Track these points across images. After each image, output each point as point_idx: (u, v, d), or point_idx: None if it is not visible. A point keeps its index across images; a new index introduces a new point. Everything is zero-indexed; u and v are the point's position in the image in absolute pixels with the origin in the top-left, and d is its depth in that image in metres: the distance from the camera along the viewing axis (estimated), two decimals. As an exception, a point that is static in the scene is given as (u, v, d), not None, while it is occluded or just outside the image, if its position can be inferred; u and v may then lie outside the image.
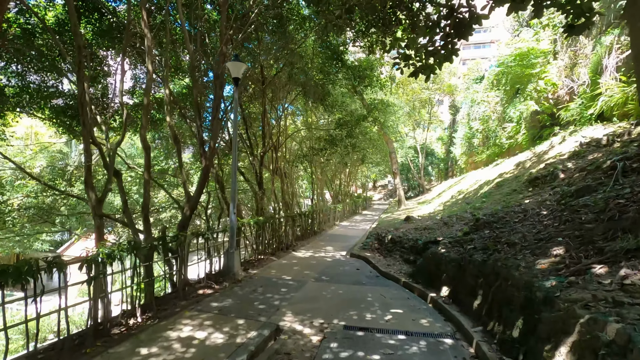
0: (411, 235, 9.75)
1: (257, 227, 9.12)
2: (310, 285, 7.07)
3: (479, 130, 22.06)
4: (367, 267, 8.88)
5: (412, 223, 11.31)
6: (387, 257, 9.76)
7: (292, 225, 12.24)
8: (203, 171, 8.74)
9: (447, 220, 9.68)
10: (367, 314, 5.44)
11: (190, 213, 8.56)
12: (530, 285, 3.98)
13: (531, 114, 13.86)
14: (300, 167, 17.12)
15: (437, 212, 12.68)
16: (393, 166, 21.44)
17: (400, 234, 10.20)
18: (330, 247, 11.67)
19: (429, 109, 35.29)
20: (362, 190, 48.43)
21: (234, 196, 7.68)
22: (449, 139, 40.06)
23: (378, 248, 10.54)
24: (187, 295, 6.07)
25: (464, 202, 11.55)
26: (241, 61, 7.65)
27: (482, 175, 14.63)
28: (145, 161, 7.96)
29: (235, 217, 7.63)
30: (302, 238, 13.17)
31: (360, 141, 14.09)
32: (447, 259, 6.65)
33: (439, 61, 6.46)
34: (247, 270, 8.10)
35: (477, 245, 6.56)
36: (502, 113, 17.52)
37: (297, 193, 29.47)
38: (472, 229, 7.91)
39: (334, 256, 10.33)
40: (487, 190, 10.79)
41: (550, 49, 12.74)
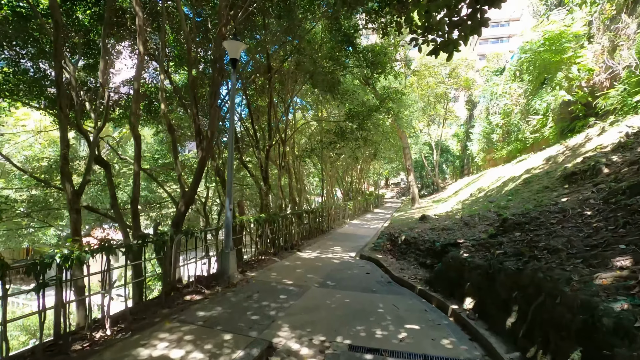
0: (427, 236, 8.83)
1: (257, 225, 8.36)
2: (313, 291, 6.26)
3: (498, 125, 20.78)
4: (378, 271, 8.02)
5: (428, 222, 10.37)
6: (400, 260, 8.87)
7: (298, 223, 11.46)
8: (199, 163, 8.04)
9: (468, 220, 8.72)
10: (377, 329, 4.60)
11: (185, 209, 7.86)
12: (590, 307, 3.07)
13: (560, 105, 12.67)
14: (309, 162, 16.32)
15: (456, 210, 11.67)
16: (407, 162, 20.41)
17: (415, 234, 9.29)
18: (338, 248, 10.84)
19: (445, 104, 33.92)
20: (374, 188, 47.35)
21: (230, 191, 6.92)
22: (465, 136, 38.57)
23: (390, 249, 9.65)
24: (172, 302, 5.34)
25: (486, 200, 10.53)
26: (239, 40, 6.86)
27: (505, 172, 13.52)
28: (135, 151, 7.31)
29: (232, 213, 6.88)
30: (309, 237, 12.37)
31: (372, 134, 13.13)
32: (471, 265, 5.73)
33: (465, 34, 5.49)
34: (245, 272, 7.35)
35: (507, 249, 5.62)
36: (525, 106, 16.28)
37: (308, 190, 28.74)
38: (499, 230, 6.95)
39: (342, 258, 9.50)
40: (512, 187, 9.75)
41: (584, 31, 11.50)
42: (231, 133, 6.95)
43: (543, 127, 13.85)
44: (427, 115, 33.99)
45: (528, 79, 15.29)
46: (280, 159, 13.95)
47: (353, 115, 11.59)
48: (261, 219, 8.45)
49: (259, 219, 8.32)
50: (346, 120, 11.99)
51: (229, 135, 6.93)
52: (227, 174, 6.96)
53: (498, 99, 19.40)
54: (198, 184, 8.21)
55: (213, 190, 13.30)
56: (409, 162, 20.23)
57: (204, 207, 10.29)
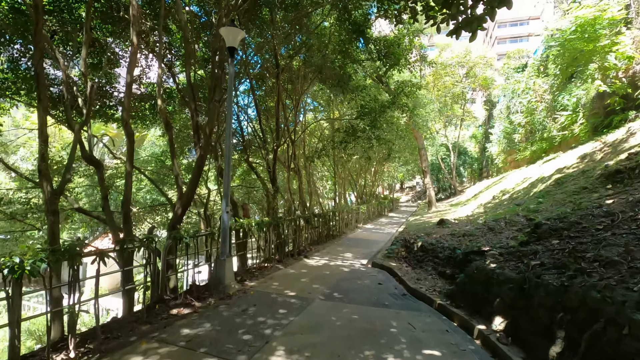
0: (447, 242, 7.97)
1: (259, 229, 7.71)
2: (317, 305, 5.53)
3: (521, 124, 19.59)
4: (391, 282, 7.22)
5: (447, 227, 9.49)
6: (416, 269, 8.05)
7: (306, 227, 10.77)
8: (197, 162, 7.48)
9: (492, 224, 7.82)
10: (388, 355, 3.84)
11: (183, 212, 7.30)
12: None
13: (592, 99, 11.57)
14: (319, 163, 15.63)
15: (477, 214, 10.75)
16: (422, 164, 19.45)
17: (432, 240, 8.45)
18: (349, 254, 10.08)
19: (462, 104, 32.72)
20: (389, 191, 46.24)
21: (227, 191, 6.31)
22: (483, 137, 37.15)
23: (405, 257, 8.83)
24: (155, 317, 4.72)
25: (512, 203, 9.58)
26: (237, 27, 6.27)
27: (531, 173, 12.46)
28: (128, 150, 6.79)
29: (228, 217, 6.25)
30: (318, 242, 11.66)
31: (385, 133, 12.32)
32: (501, 278, 4.90)
33: (492, 7, 4.71)
34: (244, 281, 6.69)
35: (544, 260, 4.77)
36: (551, 102, 15.16)
37: (321, 193, 28.04)
38: (531, 237, 6.07)
39: (353, 265, 8.74)
40: (542, 188, 8.79)
41: (621, 15, 10.39)
42: (229, 127, 6.34)
43: (572, 123, 12.73)
44: (443, 116, 32.84)
45: (554, 73, 14.19)
46: (289, 160, 13.34)
47: (365, 113, 10.85)
48: (264, 223, 7.80)
49: (261, 223, 7.67)
50: (357, 118, 11.26)
51: (227, 129, 6.32)
52: (224, 171, 6.35)
53: (520, 97, 18.24)
54: (196, 184, 7.64)
55: (215, 193, 12.82)
56: (425, 164, 19.28)
57: (205, 210, 9.77)
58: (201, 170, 7.54)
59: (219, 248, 6.30)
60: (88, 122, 6.72)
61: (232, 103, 6.38)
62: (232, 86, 6.41)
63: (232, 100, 6.38)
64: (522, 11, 65.06)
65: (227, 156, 6.34)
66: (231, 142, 6.38)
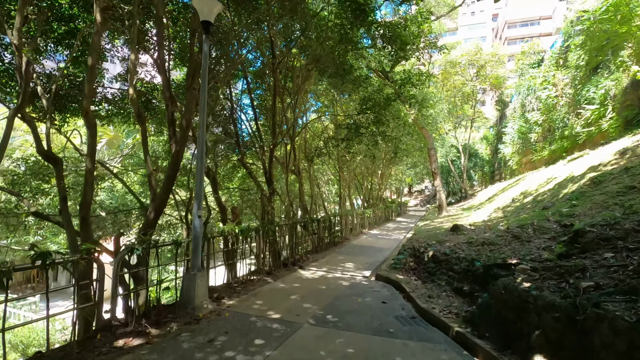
0: (463, 252, 6.82)
1: (243, 236, 6.66)
2: (304, 332, 4.45)
3: (537, 123, 18.26)
4: (397, 299, 6.09)
5: (462, 234, 8.32)
6: (427, 283, 6.90)
7: (303, 234, 9.71)
8: (172, 159, 6.50)
9: (517, 231, 6.65)
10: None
11: (156, 216, 6.31)
12: None
13: (624, 90, 10.33)
14: (319, 163, 14.59)
15: (496, 219, 9.57)
16: (432, 165, 18.24)
17: (446, 249, 7.29)
18: (350, 264, 8.96)
19: (473, 104, 31.42)
20: (397, 195, 44.92)
21: (199, 191, 5.29)
22: (495, 138, 35.72)
23: (414, 268, 7.69)
24: (91, 351, 3.68)
25: (537, 206, 8.39)
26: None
27: (554, 173, 11.21)
28: (89, 144, 5.84)
29: (201, 222, 5.22)
30: (317, 250, 10.57)
31: (391, 128, 11.21)
32: (540, 303, 3.76)
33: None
34: (221, 299, 5.63)
35: (599, 280, 3.63)
36: (574, 96, 13.88)
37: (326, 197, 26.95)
38: (572, 247, 4.90)
39: (354, 278, 7.62)
40: (574, 189, 7.59)
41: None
42: (202, 117, 5.34)
43: (600, 118, 11.46)
44: (453, 117, 31.57)
45: (576, 64, 12.95)
46: (287, 160, 12.34)
47: (368, 107, 9.78)
48: (249, 230, 6.74)
49: (246, 230, 6.62)
50: (360, 113, 10.20)
51: (200, 120, 5.32)
52: (197, 168, 5.34)
53: (536, 93, 16.93)
54: (171, 184, 6.66)
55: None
56: (434, 165, 18.07)
57: (186, 215, 8.78)
58: (177, 167, 6.55)
59: (191, 260, 5.26)
60: (24, 107, 5.78)
61: (205, 88, 5.38)
62: (206, 68, 5.41)
63: (205, 84, 5.38)
64: (532, 11, 63.50)
65: (200, 151, 5.33)
66: (205, 134, 5.38)
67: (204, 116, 5.35)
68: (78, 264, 4.05)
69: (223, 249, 7.30)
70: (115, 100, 10.97)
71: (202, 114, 5.34)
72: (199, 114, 5.39)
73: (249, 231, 6.71)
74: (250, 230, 6.79)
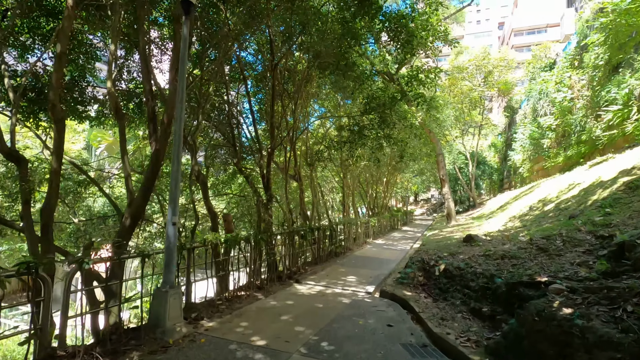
0: (480, 266, 5.98)
1: (227, 247, 5.88)
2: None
3: (551, 128, 17.38)
4: (405, 322, 5.25)
5: (476, 245, 7.46)
6: (439, 301, 6.07)
7: (302, 244, 8.93)
8: (152, 159, 5.83)
9: (543, 243, 5.81)
10: None
11: (132, 223, 5.61)
12: None
13: (651, 89, 9.50)
14: (321, 168, 13.86)
15: (514, 229, 8.71)
16: (440, 172, 17.39)
17: (460, 263, 6.46)
18: (352, 278, 8.14)
19: (481, 110, 30.61)
20: (402, 204, 43.93)
21: (174, 194, 4.57)
22: (503, 145, 34.80)
23: (424, 284, 6.84)
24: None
25: (561, 214, 7.53)
26: (192, -28, 4.64)
27: (577, 179, 10.31)
28: (55, 140, 5.18)
29: (175, 230, 4.48)
30: (317, 261, 9.76)
31: (397, 130, 10.42)
32: (590, 338, 2.94)
33: None
34: (199, 320, 4.85)
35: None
36: (592, 98, 13.05)
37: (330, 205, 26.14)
38: (618, 264, 4.07)
39: (355, 294, 6.80)
40: (605, 196, 6.74)
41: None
42: (180, 107, 4.65)
43: (623, 119, 10.61)
44: (460, 123, 30.72)
45: (594, 63, 12.15)
46: (287, 164, 11.65)
47: (372, 107, 9.06)
48: (235, 240, 5.97)
49: (231, 240, 5.85)
50: (363, 113, 9.47)
51: (177, 112, 4.64)
52: (172, 168, 4.63)
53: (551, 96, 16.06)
54: (151, 187, 5.95)
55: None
56: (442, 172, 17.22)
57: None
58: (158, 169, 5.85)
59: (163, 275, 4.51)
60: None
61: (184, 76, 4.70)
62: (185, 54, 4.74)
63: (184, 71, 4.70)
64: (539, 19, 62.89)
65: (177, 147, 4.62)
66: (182, 128, 4.67)
67: (181, 107, 4.66)
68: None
69: (214, 259, 6.54)
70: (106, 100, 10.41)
71: (179, 106, 4.65)
72: (176, 105, 4.70)
73: (236, 241, 5.94)
74: (238, 240, 6.02)
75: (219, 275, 6.49)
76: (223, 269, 6.74)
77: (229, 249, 5.88)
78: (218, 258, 6.43)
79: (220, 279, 7.04)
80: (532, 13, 63.62)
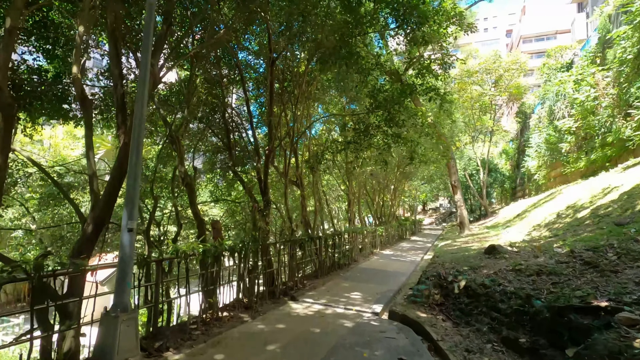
0: (510, 284, 4.96)
1: (205, 259, 4.93)
2: None
3: (570, 131, 16.25)
4: (421, 354, 4.23)
5: (502, 258, 6.40)
6: (460, 326, 5.02)
7: (301, 254, 7.95)
8: (119, 154, 4.99)
9: (588, 256, 4.77)
10: None
11: (95, 229, 4.76)
12: None
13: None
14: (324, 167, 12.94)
15: (543, 239, 7.65)
16: (452, 177, 16.32)
17: (484, 279, 5.43)
18: (356, 294, 7.11)
19: (492, 115, 29.57)
20: (410, 213, 42.64)
21: (132, 193, 3.67)
22: (516, 152, 33.55)
23: (441, 304, 5.80)
24: None
25: (601, 222, 6.45)
26: None
27: (611, 183, 9.20)
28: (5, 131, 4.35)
29: (132, 238, 3.57)
30: (318, 274, 8.75)
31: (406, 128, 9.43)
32: None
33: None
34: (165, 350, 3.89)
35: None
36: (619, 96, 11.98)
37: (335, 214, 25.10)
38: None
39: (360, 315, 5.78)
40: (659, 199, 5.70)
41: None
42: (141, 89, 3.79)
43: (659, 118, 9.53)
44: (470, 129, 29.65)
45: (622, 57, 11.13)
46: (286, 167, 10.76)
47: (378, 104, 8.14)
48: (215, 251, 5.01)
49: (211, 251, 4.90)
50: (369, 111, 8.55)
51: (139, 88, 3.79)
52: (130, 161, 3.75)
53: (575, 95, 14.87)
54: (118, 187, 5.09)
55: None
56: (454, 178, 16.14)
57: (147, 230, 7.15)
58: (126, 166, 4.98)
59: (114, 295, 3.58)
60: None
61: (148, 49, 3.86)
62: (150, 24, 3.90)
63: (149, 45, 3.86)
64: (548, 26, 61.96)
65: (137, 134, 3.75)
66: (144, 110, 3.80)
67: (144, 88, 3.80)
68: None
69: (201, 271, 5.59)
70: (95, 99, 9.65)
71: (141, 86, 3.80)
72: (138, 84, 3.85)
73: (216, 252, 5.00)
74: (220, 251, 5.07)
75: (206, 289, 5.53)
76: (208, 285, 5.78)
77: (206, 260, 4.93)
78: (204, 271, 5.49)
79: (206, 295, 6.06)
80: (540, 20, 62.74)
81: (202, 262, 5.36)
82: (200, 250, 4.78)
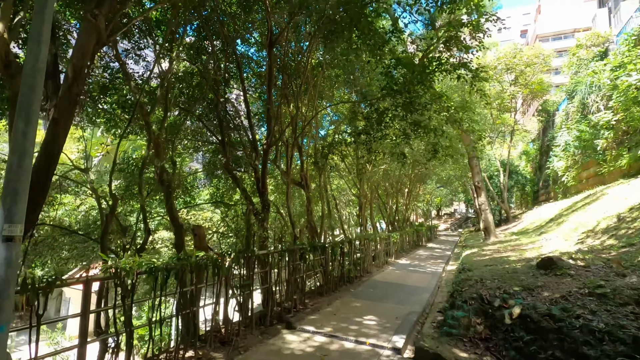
0: (596, 316, 3.43)
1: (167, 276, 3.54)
2: None
3: (608, 125, 14.46)
4: None
5: (565, 275, 4.83)
6: (523, 377, 3.49)
7: (303, 268, 6.51)
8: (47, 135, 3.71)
9: None
10: None
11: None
12: None
13: None
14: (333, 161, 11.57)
15: (611, 249, 6.05)
16: (474, 178, 14.66)
17: (551, 306, 3.89)
18: (370, 319, 5.61)
19: (513, 113, 27.73)
20: (424, 219, 40.74)
21: (14, 185, 2.31)
22: (538, 153, 31.49)
23: (487, 338, 4.27)
24: None
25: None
26: None
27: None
28: None
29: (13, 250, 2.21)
30: (323, 291, 7.28)
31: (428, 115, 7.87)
32: None
33: None
34: None
35: None
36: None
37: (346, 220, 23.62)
38: None
39: (376, 352, 4.29)
40: None
41: None
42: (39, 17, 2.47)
43: None
44: (489, 129, 27.81)
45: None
46: (288, 164, 9.43)
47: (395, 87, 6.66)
48: (182, 265, 3.63)
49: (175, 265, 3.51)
50: (384, 96, 7.11)
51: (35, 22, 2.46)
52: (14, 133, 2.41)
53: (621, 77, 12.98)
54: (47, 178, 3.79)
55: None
56: (477, 178, 14.48)
57: (102, 236, 5.81)
58: (55, 148, 3.71)
59: None
60: None
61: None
62: None
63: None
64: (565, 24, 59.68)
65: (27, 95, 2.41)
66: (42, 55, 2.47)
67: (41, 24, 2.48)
68: None
69: (179, 289, 4.22)
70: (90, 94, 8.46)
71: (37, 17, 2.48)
72: (33, 17, 2.53)
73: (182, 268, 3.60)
74: (186, 267, 3.68)
75: (183, 313, 4.15)
76: (185, 307, 4.37)
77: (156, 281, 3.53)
78: (182, 289, 4.13)
79: (188, 316, 4.59)
80: (557, 18, 60.53)
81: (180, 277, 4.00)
82: (158, 263, 3.39)
